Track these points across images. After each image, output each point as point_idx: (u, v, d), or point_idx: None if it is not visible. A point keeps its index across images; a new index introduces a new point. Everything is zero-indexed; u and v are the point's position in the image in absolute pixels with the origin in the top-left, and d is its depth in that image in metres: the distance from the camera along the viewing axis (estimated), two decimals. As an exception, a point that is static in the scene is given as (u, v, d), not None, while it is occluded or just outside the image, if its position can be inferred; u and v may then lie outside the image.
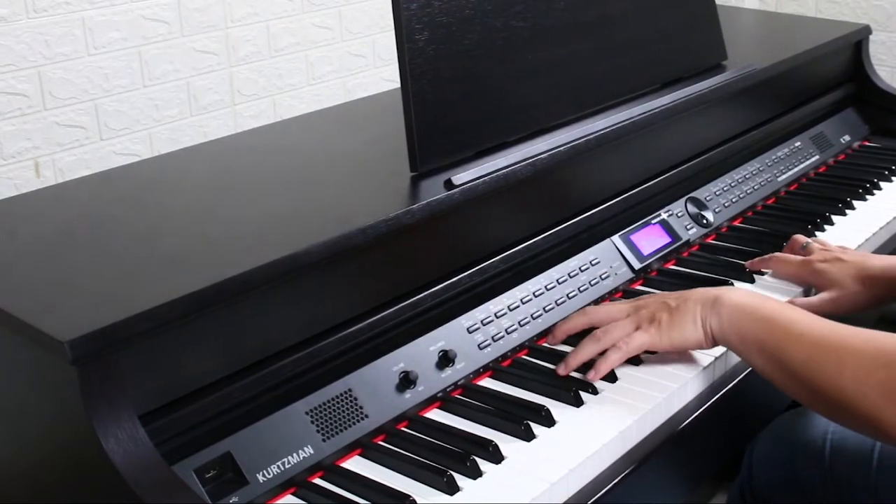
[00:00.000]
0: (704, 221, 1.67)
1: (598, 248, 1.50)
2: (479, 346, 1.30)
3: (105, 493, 0.97)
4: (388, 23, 2.87)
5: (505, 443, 1.15)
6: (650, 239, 1.57)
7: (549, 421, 1.19)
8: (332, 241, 1.13)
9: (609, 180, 1.57)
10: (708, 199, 1.72)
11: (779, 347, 1.17)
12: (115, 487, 0.93)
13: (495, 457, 1.13)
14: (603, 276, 1.48)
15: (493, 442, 1.14)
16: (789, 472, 1.36)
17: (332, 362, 1.17)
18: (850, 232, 1.71)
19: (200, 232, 1.21)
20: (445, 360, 1.25)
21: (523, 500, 1.07)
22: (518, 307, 1.36)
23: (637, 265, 1.53)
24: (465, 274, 1.32)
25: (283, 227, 1.20)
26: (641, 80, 1.68)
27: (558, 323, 1.36)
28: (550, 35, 1.50)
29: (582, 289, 1.44)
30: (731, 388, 1.32)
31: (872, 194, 1.87)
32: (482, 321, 1.32)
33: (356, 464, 1.14)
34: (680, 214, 1.65)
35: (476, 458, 1.11)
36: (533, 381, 1.27)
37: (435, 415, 1.23)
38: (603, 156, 1.52)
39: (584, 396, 1.24)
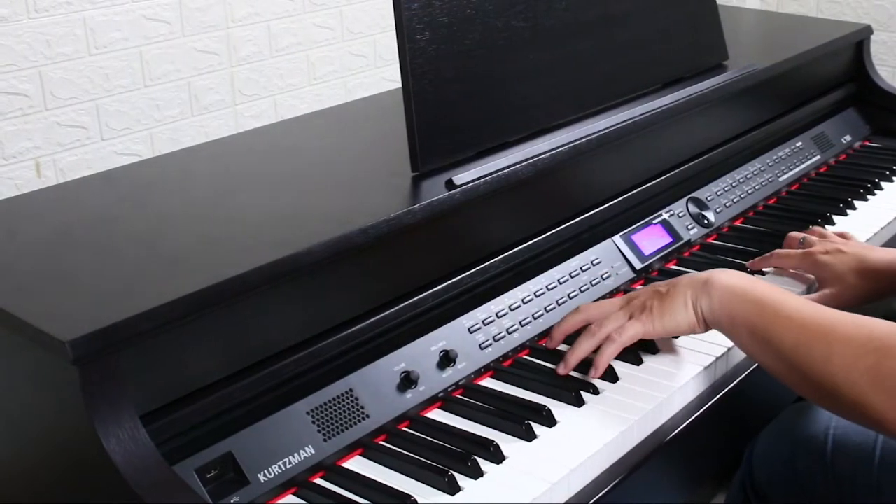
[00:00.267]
0: (706, 221, 1.67)
1: (600, 247, 1.50)
2: (480, 346, 1.30)
3: (106, 493, 0.97)
4: (389, 23, 2.87)
5: (506, 443, 1.15)
6: (651, 239, 1.57)
7: (550, 421, 1.19)
8: (333, 241, 1.13)
9: (610, 180, 1.57)
10: (709, 199, 1.72)
11: (768, 330, 1.17)
12: (116, 487, 0.93)
13: (496, 457, 1.13)
14: (604, 276, 1.48)
15: (494, 442, 1.14)
16: (790, 467, 1.36)
17: (333, 362, 1.17)
18: (852, 232, 1.70)
19: (201, 232, 1.21)
20: (446, 360, 1.25)
21: (524, 500, 1.07)
22: (519, 307, 1.36)
23: (638, 265, 1.53)
24: (467, 274, 1.32)
25: (284, 227, 1.20)
26: (642, 80, 1.68)
27: (554, 325, 1.36)
28: (551, 35, 1.50)
29: (583, 289, 1.44)
30: (732, 387, 1.32)
31: (873, 194, 1.87)
32: (483, 321, 1.32)
33: (357, 464, 1.14)
34: (681, 214, 1.65)
35: (477, 458, 1.11)
36: (534, 381, 1.27)
37: (436, 415, 1.23)
38: (604, 156, 1.52)
39: (586, 396, 1.24)
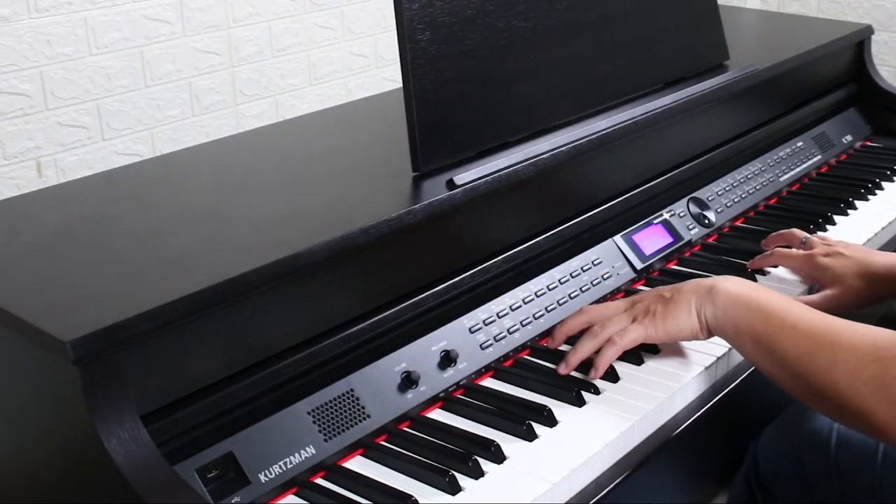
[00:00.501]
0: (706, 221, 1.67)
1: (600, 247, 1.50)
2: (480, 346, 1.30)
3: (107, 494, 0.97)
4: (390, 23, 2.87)
5: (507, 443, 1.15)
6: (652, 239, 1.57)
7: (550, 421, 1.19)
8: (333, 241, 1.13)
9: (611, 180, 1.57)
10: (710, 199, 1.72)
11: (772, 339, 1.17)
12: (117, 487, 0.93)
13: (497, 457, 1.13)
14: (605, 276, 1.48)
15: (494, 442, 1.14)
16: (795, 463, 1.36)
17: (333, 362, 1.17)
18: (852, 232, 1.71)
19: (202, 232, 1.21)
20: (447, 360, 1.25)
21: (525, 500, 1.07)
22: (520, 307, 1.36)
23: (639, 265, 1.53)
24: (467, 274, 1.32)
25: (285, 227, 1.20)
26: (643, 80, 1.68)
27: (557, 325, 1.36)
28: (552, 35, 1.50)
29: (584, 289, 1.44)
30: (733, 387, 1.32)
31: (874, 194, 1.87)
32: (484, 321, 1.32)
33: (358, 464, 1.14)
34: (682, 214, 1.65)
35: (478, 458, 1.11)
36: (535, 381, 1.27)
37: (437, 415, 1.23)
38: (605, 156, 1.52)
39: (586, 396, 1.24)
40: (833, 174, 1.97)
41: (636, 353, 1.31)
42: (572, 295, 1.42)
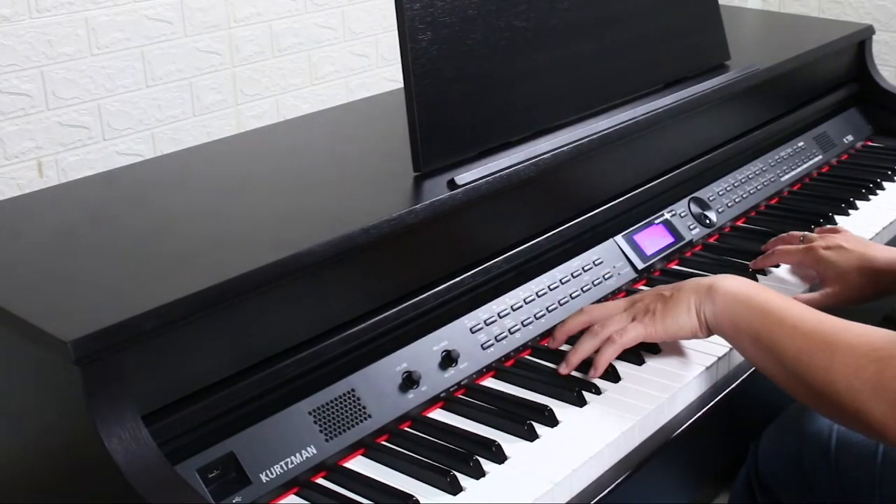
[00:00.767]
0: (707, 221, 1.67)
1: (601, 248, 1.50)
2: (482, 346, 1.30)
3: (108, 494, 0.97)
4: (390, 23, 2.87)
5: (508, 443, 1.15)
6: (653, 239, 1.57)
7: (551, 421, 1.19)
8: (335, 241, 1.13)
9: (612, 180, 1.57)
10: (711, 199, 1.72)
11: (771, 338, 1.17)
12: (118, 487, 0.93)
13: (498, 457, 1.13)
14: (606, 276, 1.48)
15: (496, 442, 1.14)
16: (796, 462, 1.36)
17: (335, 362, 1.17)
18: (854, 232, 1.70)
19: (203, 232, 1.21)
20: (448, 360, 1.25)
21: (526, 500, 1.06)
22: (521, 307, 1.36)
23: (640, 265, 1.53)
24: (468, 274, 1.32)
25: (286, 227, 1.20)
26: (644, 80, 1.68)
27: (557, 325, 1.36)
28: (553, 35, 1.50)
29: (585, 289, 1.44)
30: (734, 387, 1.32)
31: (875, 194, 1.87)
32: (485, 321, 1.32)
33: (359, 464, 1.14)
34: (683, 214, 1.65)
35: (479, 458, 1.11)
36: (536, 381, 1.27)
37: (438, 415, 1.23)
38: (606, 156, 1.52)
39: (587, 396, 1.24)
40: (834, 174, 1.97)
41: (637, 353, 1.31)
42: (573, 295, 1.42)
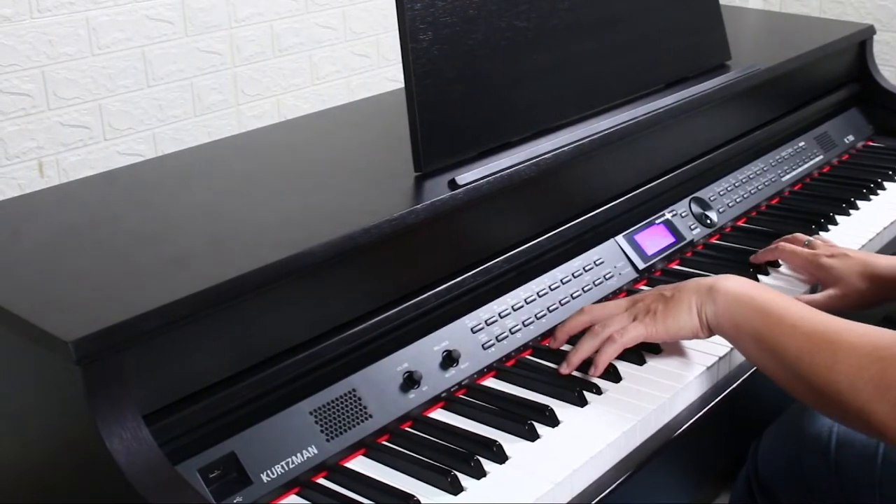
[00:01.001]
0: (708, 221, 1.67)
1: (602, 248, 1.50)
2: (483, 346, 1.30)
3: (109, 493, 0.97)
4: (391, 23, 2.86)
5: (509, 443, 1.15)
6: (654, 239, 1.57)
7: (552, 421, 1.19)
8: (335, 241, 1.13)
9: (613, 180, 1.57)
10: (712, 198, 1.72)
11: (773, 338, 1.17)
12: (119, 487, 0.94)
13: (499, 457, 1.13)
14: (607, 276, 1.48)
15: (496, 442, 1.14)
16: (796, 464, 1.36)
17: (336, 362, 1.17)
18: (854, 232, 1.71)
19: (204, 232, 1.21)
20: (449, 360, 1.25)
21: (527, 500, 1.06)
22: (522, 307, 1.36)
23: (641, 265, 1.53)
24: (469, 274, 1.32)
25: (287, 227, 1.20)
26: (645, 80, 1.68)
27: (558, 325, 1.36)
28: (554, 35, 1.50)
29: (586, 289, 1.44)
30: (735, 387, 1.32)
31: (876, 194, 1.87)
32: (486, 321, 1.32)
33: (360, 464, 1.14)
34: (684, 214, 1.65)
35: (480, 458, 1.11)
36: (537, 382, 1.27)
37: (439, 415, 1.23)
38: (607, 156, 1.52)
39: (588, 396, 1.24)
40: (835, 174, 1.97)
41: (638, 353, 1.31)
42: (574, 295, 1.42)
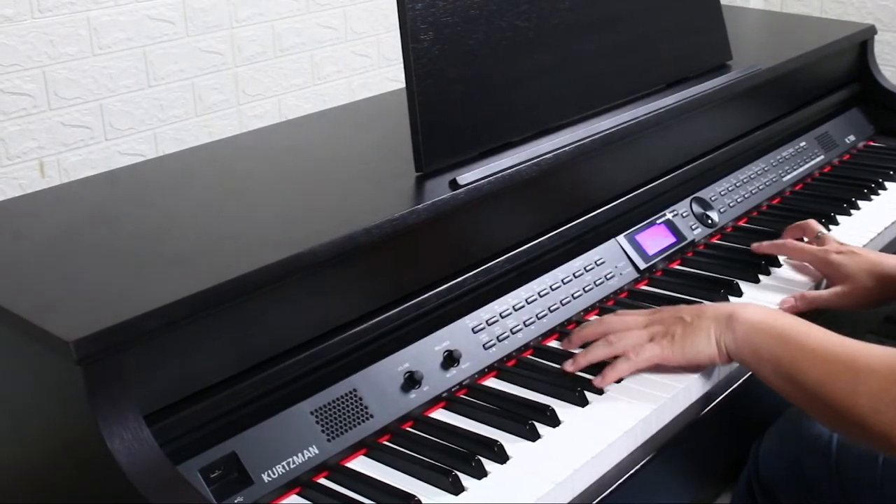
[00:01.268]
0: (709, 221, 1.67)
1: (603, 248, 1.50)
2: (484, 346, 1.30)
3: (110, 493, 0.97)
4: (392, 23, 2.87)
5: (510, 443, 1.15)
6: (655, 239, 1.57)
7: (554, 421, 1.19)
8: (336, 241, 1.13)
9: (614, 180, 1.57)
10: (713, 199, 1.72)
11: (793, 365, 1.16)
12: (120, 487, 0.94)
13: (500, 457, 1.13)
14: (608, 276, 1.48)
15: (498, 442, 1.14)
16: (796, 466, 1.36)
17: (337, 362, 1.17)
18: (855, 232, 1.71)
19: (205, 232, 1.21)
20: (450, 360, 1.25)
21: (528, 500, 1.06)
22: (523, 307, 1.36)
23: (642, 265, 1.52)
24: (470, 274, 1.32)
25: (288, 227, 1.20)
26: (646, 80, 1.68)
27: (574, 329, 1.35)
28: (555, 35, 1.50)
29: (587, 289, 1.44)
30: (736, 388, 1.32)
31: (877, 194, 1.87)
32: (487, 321, 1.32)
33: (361, 464, 1.14)
34: (685, 214, 1.65)
35: (481, 458, 1.11)
36: (538, 382, 1.27)
37: (440, 415, 1.23)
38: (608, 156, 1.52)
39: (589, 396, 1.24)
40: (836, 174, 1.97)
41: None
42: (575, 295, 1.42)
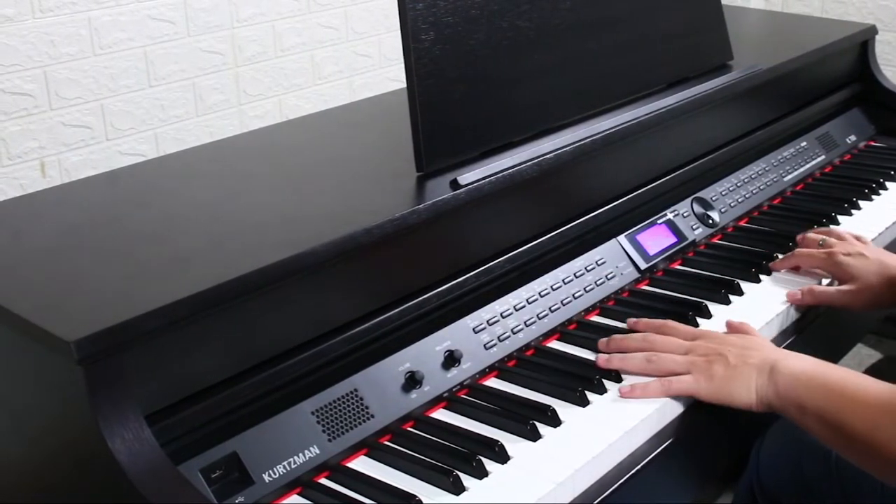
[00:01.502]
0: (710, 221, 1.67)
1: (604, 248, 1.50)
2: (484, 346, 1.30)
3: (111, 494, 0.97)
4: (393, 23, 2.86)
5: (511, 443, 1.15)
6: (656, 239, 1.57)
7: (554, 421, 1.19)
8: (337, 241, 1.13)
9: (615, 180, 1.57)
10: (714, 199, 1.71)
11: (838, 415, 1.15)
12: (121, 487, 0.94)
13: (501, 457, 1.13)
14: (609, 276, 1.48)
15: (498, 442, 1.14)
16: (796, 469, 1.36)
17: (337, 362, 1.17)
18: (856, 232, 1.70)
19: (206, 232, 1.21)
20: (451, 360, 1.25)
21: (529, 500, 1.06)
22: (524, 307, 1.36)
23: (643, 265, 1.52)
24: (471, 274, 1.32)
25: (289, 228, 1.20)
26: (647, 80, 1.68)
27: (615, 336, 1.33)
28: (556, 35, 1.50)
29: (588, 289, 1.44)
30: (737, 388, 1.32)
31: (878, 194, 1.87)
32: (488, 321, 1.32)
33: (362, 464, 1.14)
34: (686, 214, 1.65)
35: (482, 458, 1.11)
36: (539, 381, 1.27)
37: (441, 415, 1.23)
38: (608, 156, 1.52)
39: (590, 396, 1.24)
40: (837, 174, 1.97)
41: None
42: (576, 295, 1.42)
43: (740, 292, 1.48)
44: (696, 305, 1.43)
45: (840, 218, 1.75)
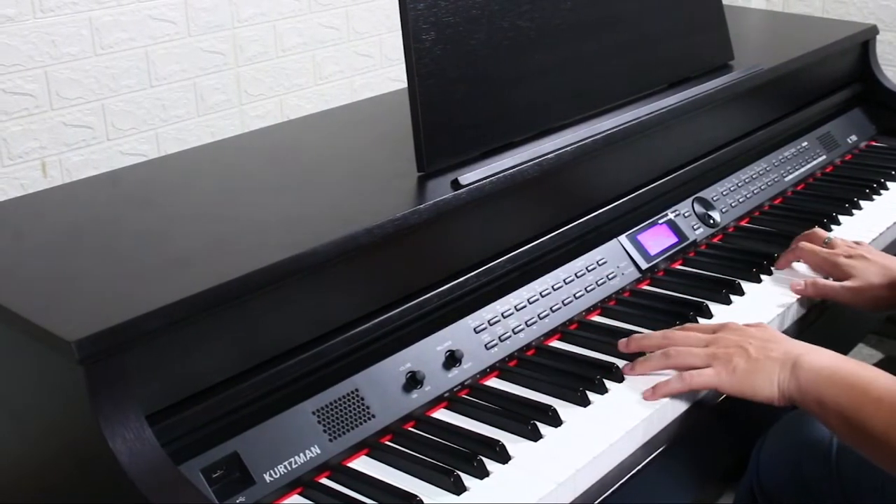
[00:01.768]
0: (711, 221, 1.67)
1: (605, 247, 1.50)
2: (485, 346, 1.30)
3: (112, 493, 0.97)
4: (394, 23, 2.86)
5: (512, 443, 1.15)
6: (657, 239, 1.57)
7: (555, 421, 1.19)
8: (338, 241, 1.13)
9: (616, 180, 1.57)
10: (715, 198, 1.71)
11: (858, 414, 1.14)
12: (122, 487, 0.94)
13: (502, 457, 1.13)
14: (610, 276, 1.48)
15: (499, 442, 1.14)
16: (796, 470, 1.36)
17: (338, 362, 1.17)
18: (857, 232, 1.70)
19: (207, 232, 1.21)
20: (452, 360, 1.25)
21: (530, 500, 1.06)
22: (525, 307, 1.36)
23: (644, 265, 1.52)
24: (472, 274, 1.32)
25: (290, 228, 1.20)
26: (648, 80, 1.68)
27: (635, 335, 1.33)
28: (557, 35, 1.50)
29: (589, 289, 1.44)
30: (738, 388, 1.32)
31: (879, 194, 1.87)
32: (489, 321, 1.32)
33: (363, 464, 1.14)
34: (687, 214, 1.65)
35: (483, 458, 1.11)
36: (540, 381, 1.27)
37: (442, 415, 1.23)
38: (610, 156, 1.52)
39: (591, 396, 1.24)
40: (838, 174, 1.97)
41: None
42: (577, 295, 1.42)
43: (741, 292, 1.48)
44: (697, 305, 1.43)
45: (841, 218, 1.75)
